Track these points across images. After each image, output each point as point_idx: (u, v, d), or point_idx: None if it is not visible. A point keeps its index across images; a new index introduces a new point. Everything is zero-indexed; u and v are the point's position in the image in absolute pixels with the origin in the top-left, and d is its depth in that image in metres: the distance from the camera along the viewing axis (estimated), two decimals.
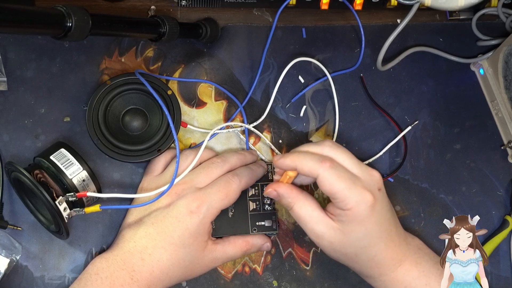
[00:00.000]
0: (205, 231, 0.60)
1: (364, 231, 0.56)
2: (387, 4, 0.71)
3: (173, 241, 0.58)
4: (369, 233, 0.57)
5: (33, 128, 0.66)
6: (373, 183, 0.57)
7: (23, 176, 0.56)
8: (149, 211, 0.61)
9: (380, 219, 0.57)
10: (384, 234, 0.58)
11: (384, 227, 0.58)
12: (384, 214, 0.58)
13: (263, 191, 0.65)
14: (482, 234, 0.57)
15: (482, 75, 0.72)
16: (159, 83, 0.65)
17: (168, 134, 0.64)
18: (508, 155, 0.70)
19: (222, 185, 0.61)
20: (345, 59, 0.72)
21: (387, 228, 0.58)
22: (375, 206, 0.56)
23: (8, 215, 0.63)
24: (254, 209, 0.65)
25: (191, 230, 0.59)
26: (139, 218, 0.61)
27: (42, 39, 0.68)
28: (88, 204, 0.61)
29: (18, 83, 0.66)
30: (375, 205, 0.56)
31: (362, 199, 0.55)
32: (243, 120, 0.69)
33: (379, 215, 0.57)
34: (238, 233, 0.64)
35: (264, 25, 0.72)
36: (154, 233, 0.59)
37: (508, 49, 0.67)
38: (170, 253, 0.58)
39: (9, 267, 0.61)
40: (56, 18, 0.48)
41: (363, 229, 0.56)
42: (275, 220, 0.65)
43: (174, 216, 0.59)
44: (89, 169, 0.60)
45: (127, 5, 0.70)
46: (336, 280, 0.65)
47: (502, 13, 0.72)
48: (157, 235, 0.58)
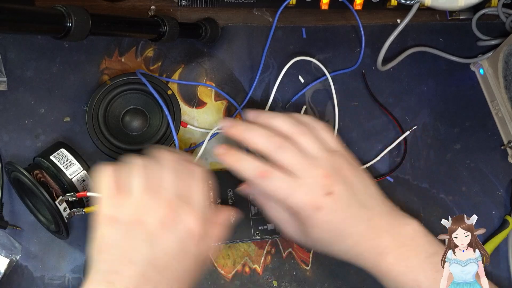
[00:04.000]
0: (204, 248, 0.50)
1: (320, 231, 0.54)
2: (387, 4, 0.71)
3: (180, 276, 0.47)
4: (326, 231, 0.54)
5: (33, 128, 0.66)
6: (318, 187, 0.53)
7: (23, 176, 0.56)
8: (137, 248, 0.46)
9: (333, 218, 0.53)
10: (348, 231, 0.53)
11: (344, 224, 0.53)
12: (340, 213, 0.53)
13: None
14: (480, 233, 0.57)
15: (482, 75, 0.72)
16: (159, 83, 0.65)
17: (168, 134, 0.64)
18: (508, 155, 0.70)
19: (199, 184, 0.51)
20: (345, 59, 0.72)
21: (352, 224, 0.53)
22: (322, 208, 0.53)
23: (8, 215, 0.63)
24: (255, 213, 0.65)
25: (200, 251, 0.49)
26: (127, 259, 0.45)
27: (42, 39, 0.68)
28: (88, 204, 0.61)
29: (18, 83, 0.66)
30: (321, 207, 0.52)
31: (304, 206, 0.52)
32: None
33: (330, 215, 0.53)
34: (241, 238, 0.64)
35: (264, 25, 0.72)
36: (158, 276, 0.45)
37: (508, 49, 0.67)
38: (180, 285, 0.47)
39: (9, 267, 0.61)
40: (56, 18, 0.48)
41: (318, 229, 0.54)
42: None
43: (176, 248, 0.47)
44: (89, 169, 0.60)
45: (127, 5, 0.70)
46: (336, 280, 0.65)
47: (502, 13, 0.72)
48: (161, 278, 0.46)
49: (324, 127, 0.57)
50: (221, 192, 0.65)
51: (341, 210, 0.53)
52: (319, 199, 0.53)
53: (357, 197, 0.54)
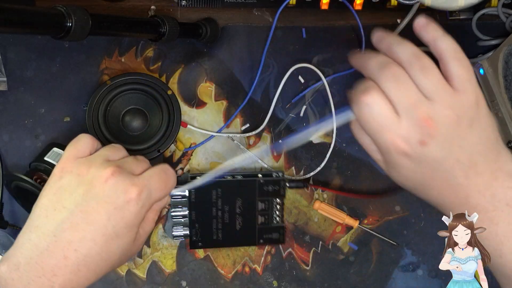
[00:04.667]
0: (140, 221, 0.51)
1: (403, 180, 0.50)
2: (387, 4, 0.71)
3: (106, 232, 0.48)
4: (411, 182, 0.50)
5: (33, 128, 0.66)
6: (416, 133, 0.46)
7: (23, 183, 0.56)
8: (71, 192, 0.48)
9: (419, 172, 0.48)
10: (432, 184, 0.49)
11: (428, 180, 0.49)
12: (428, 169, 0.48)
13: (275, 201, 0.65)
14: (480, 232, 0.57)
15: (482, 75, 0.72)
16: (159, 83, 0.65)
17: (168, 134, 0.64)
18: None
19: (161, 174, 0.52)
20: (345, 59, 0.72)
21: (436, 180, 0.49)
22: (408, 159, 0.48)
23: (8, 215, 0.63)
24: (262, 223, 0.65)
25: (128, 220, 0.49)
26: (61, 205, 0.48)
27: (42, 39, 0.68)
28: None
29: (18, 83, 0.66)
30: (409, 155, 0.47)
31: (389, 147, 0.47)
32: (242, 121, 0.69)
33: (416, 168, 0.48)
34: (244, 245, 0.65)
35: (264, 25, 0.72)
36: (83, 223, 0.47)
37: (508, 49, 0.67)
38: (101, 246, 0.48)
39: None
40: (56, 18, 0.48)
41: (401, 177, 0.50)
42: (283, 234, 0.65)
43: (110, 202, 0.48)
44: None
45: (127, 5, 0.70)
46: (336, 280, 0.65)
47: (502, 13, 0.72)
48: (86, 225, 0.47)
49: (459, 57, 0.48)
50: (229, 200, 0.65)
51: (428, 166, 0.48)
52: (410, 145, 0.47)
53: (455, 155, 0.48)
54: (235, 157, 0.68)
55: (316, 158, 0.69)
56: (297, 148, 0.69)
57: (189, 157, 0.68)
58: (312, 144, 0.69)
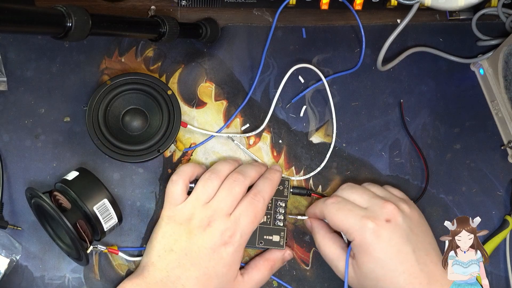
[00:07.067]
0: (239, 259, 0.60)
1: (373, 261, 0.58)
2: (387, 4, 0.71)
3: (207, 272, 0.58)
4: (380, 262, 0.57)
5: (33, 128, 0.66)
6: (380, 213, 0.59)
7: (44, 203, 0.56)
8: (176, 239, 0.59)
9: (389, 248, 0.57)
10: (401, 268, 0.57)
11: (398, 259, 0.57)
12: (396, 245, 0.57)
13: (277, 206, 0.65)
14: (483, 235, 0.57)
15: (482, 75, 0.72)
16: (159, 83, 0.65)
17: (168, 134, 0.64)
18: (508, 155, 0.70)
19: (249, 209, 0.60)
20: (345, 59, 0.72)
21: (404, 260, 0.57)
22: (381, 234, 0.57)
23: (8, 215, 0.63)
24: (264, 222, 0.65)
25: (226, 260, 0.58)
26: (169, 248, 0.59)
27: (42, 39, 0.68)
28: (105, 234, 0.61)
29: (18, 83, 0.66)
30: (379, 232, 0.57)
31: (362, 226, 0.58)
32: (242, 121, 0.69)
33: (386, 243, 0.57)
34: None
35: (264, 25, 0.72)
36: (188, 264, 0.58)
37: (508, 49, 0.67)
38: (203, 283, 0.58)
39: (9, 267, 0.61)
40: (56, 18, 0.48)
41: (372, 258, 0.58)
42: (284, 237, 0.65)
43: (209, 247, 0.58)
44: (110, 196, 0.59)
45: (127, 5, 0.70)
46: (336, 280, 0.65)
47: (502, 13, 0.72)
48: (191, 266, 0.58)
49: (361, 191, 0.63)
50: None
51: (398, 241, 0.58)
52: (380, 222, 0.58)
53: (416, 238, 0.59)
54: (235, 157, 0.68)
55: (316, 158, 0.69)
56: (297, 148, 0.69)
57: (189, 157, 0.68)
58: (312, 144, 0.69)
